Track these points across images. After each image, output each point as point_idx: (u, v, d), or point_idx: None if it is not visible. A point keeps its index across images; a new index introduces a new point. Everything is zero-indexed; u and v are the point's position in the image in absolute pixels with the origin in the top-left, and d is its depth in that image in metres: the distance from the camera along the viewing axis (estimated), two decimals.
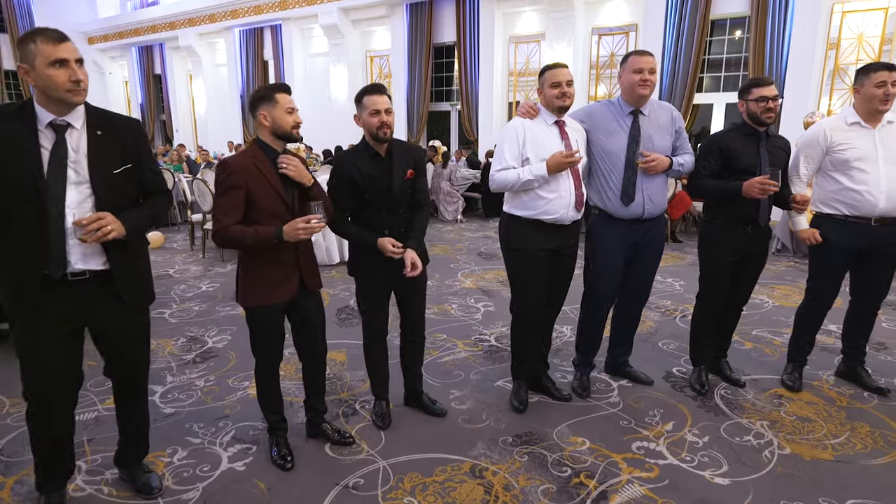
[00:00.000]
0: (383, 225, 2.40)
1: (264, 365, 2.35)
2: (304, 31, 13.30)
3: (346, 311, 4.31)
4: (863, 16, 7.75)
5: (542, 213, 2.55)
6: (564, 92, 2.51)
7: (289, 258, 2.20)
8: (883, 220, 2.67)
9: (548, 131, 2.58)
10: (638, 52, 2.64)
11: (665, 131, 2.71)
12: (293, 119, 2.14)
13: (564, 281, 2.78)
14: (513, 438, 2.53)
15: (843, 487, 2.18)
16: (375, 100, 2.31)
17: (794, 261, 5.94)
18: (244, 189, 2.09)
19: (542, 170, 2.47)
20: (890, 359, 3.40)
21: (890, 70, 2.57)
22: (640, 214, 2.67)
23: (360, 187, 2.37)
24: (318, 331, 2.42)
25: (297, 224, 2.05)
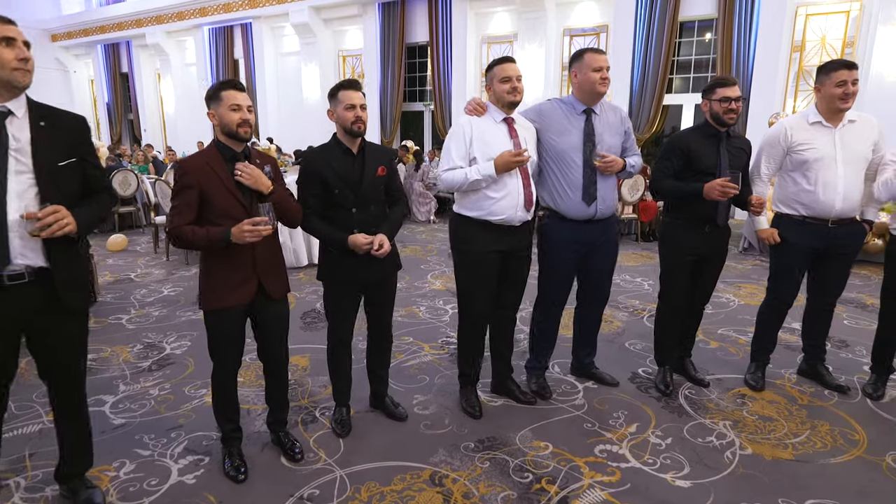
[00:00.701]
0: (352, 223, 2.34)
1: (219, 370, 2.27)
2: (275, 29, 13.10)
3: (312, 315, 4.22)
4: (826, 19, 7.92)
5: (490, 214, 2.50)
6: (515, 87, 2.47)
7: (245, 261, 2.13)
8: (839, 221, 2.70)
9: (496, 129, 2.52)
10: (595, 50, 2.61)
11: (615, 131, 2.69)
12: (238, 116, 2.05)
13: (519, 283, 2.73)
14: (475, 444, 2.48)
15: (803, 488, 2.18)
16: (351, 95, 2.27)
17: (761, 259, 6.03)
18: (197, 189, 2.04)
19: (489, 169, 2.42)
20: (851, 356, 3.44)
21: (850, 68, 2.58)
22: (592, 215, 2.65)
23: (330, 184, 2.31)
24: (277, 339, 2.34)
25: (243, 226, 1.99)
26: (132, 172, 7.77)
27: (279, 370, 2.42)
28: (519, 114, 2.67)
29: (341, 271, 2.40)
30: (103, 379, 3.15)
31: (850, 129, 2.67)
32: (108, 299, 4.69)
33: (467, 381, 2.81)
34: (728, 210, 2.80)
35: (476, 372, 2.81)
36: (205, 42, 13.95)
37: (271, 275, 2.22)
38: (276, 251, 2.26)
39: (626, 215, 6.95)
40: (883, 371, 2.94)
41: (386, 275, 2.50)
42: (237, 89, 2.08)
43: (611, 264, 2.87)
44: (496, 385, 2.95)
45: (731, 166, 2.67)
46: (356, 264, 2.37)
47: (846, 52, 7.79)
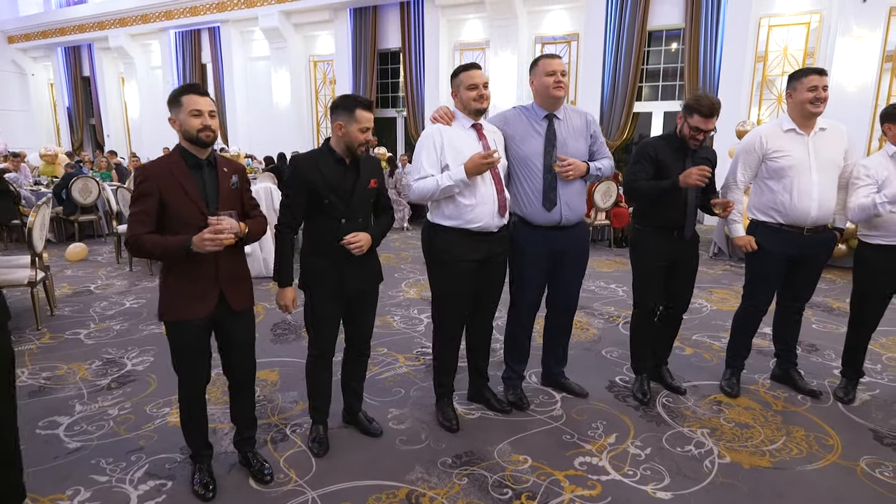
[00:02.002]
0: (340, 233, 2.26)
1: (185, 386, 2.16)
2: (244, 33, 12.87)
3: (283, 327, 4.09)
4: (787, 30, 8.17)
5: (468, 222, 2.46)
6: (482, 94, 2.45)
7: (207, 272, 2.03)
8: (814, 228, 2.73)
9: (465, 135, 2.50)
10: (548, 56, 2.61)
11: (580, 135, 2.68)
12: (199, 122, 1.96)
13: (495, 290, 2.69)
14: (452, 459, 2.41)
15: (781, 495, 2.17)
16: (370, 117, 2.22)
17: (730, 264, 6.12)
18: (157, 197, 1.95)
19: (460, 174, 2.37)
20: (821, 360, 3.50)
21: (820, 74, 2.62)
22: (557, 221, 2.63)
23: (320, 193, 2.23)
24: (244, 353, 2.23)
25: (204, 234, 1.90)
26: (93, 179, 7.48)
27: (246, 386, 2.31)
28: (485, 120, 2.66)
29: (328, 280, 2.32)
30: (58, 399, 2.97)
31: (822, 137, 2.71)
32: (66, 313, 4.47)
33: (444, 393, 2.75)
34: (694, 221, 2.81)
35: (451, 382, 2.76)
36: (171, 46, 13.61)
37: (234, 286, 2.12)
38: (240, 261, 2.16)
39: (599, 221, 7.00)
40: (853, 375, 2.98)
41: (370, 286, 2.45)
42: (198, 94, 1.99)
43: (580, 272, 2.84)
44: (472, 394, 2.90)
45: None
46: (343, 274, 2.30)
47: (807, 62, 8.04)
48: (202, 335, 2.10)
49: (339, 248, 2.26)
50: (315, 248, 2.32)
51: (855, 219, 2.73)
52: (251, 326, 2.25)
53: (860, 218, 2.70)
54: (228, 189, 2.08)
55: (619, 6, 8.82)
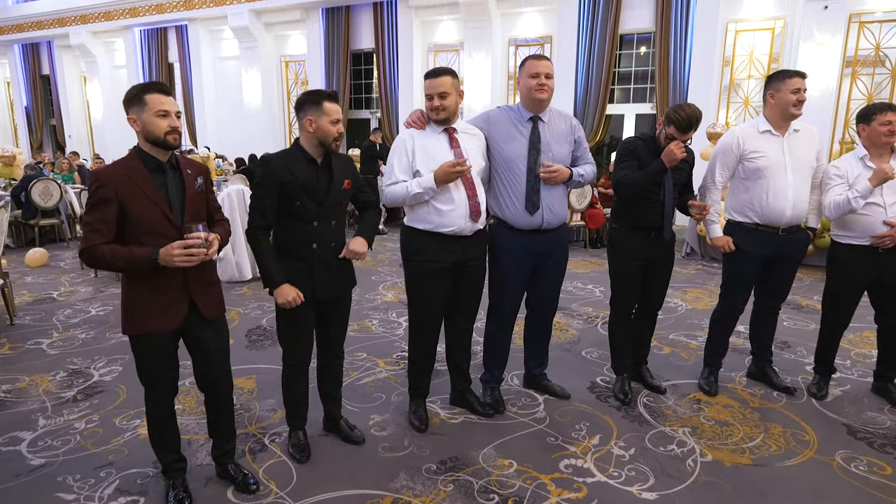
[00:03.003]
0: (313, 237, 2.20)
1: (152, 400, 2.06)
2: (213, 32, 12.58)
3: (258, 332, 3.98)
4: (753, 35, 8.39)
5: (439, 226, 2.44)
6: (435, 106, 2.40)
7: (174, 281, 1.92)
8: (789, 228, 2.79)
9: (437, 140, 2.47)
10: (535, 56, 2.59)
11: (564, 140, 2.66)
12: (167, 123, 1.85)
13: (474, 293, 2.66)
14: (437, 465, 2.37)
15: (763, 493, 2.20)
16: (338, 108, 2.18)
17: (703, 264, 6.24)
18: (115, 203, 1.82)
19: (429, 181, 2.36)
20: (794, 357, 3.57)
21: (802, 77, 2.69)
22: (539, 225, 2.61)
23: (291, 195, 2.16)
24: (218, 362, 2.13)
25: (173, 249, 1.80)
26: (54, 182, 7.19)
27: (223, 398, 2.21)
28: (467, 121, 2.64)
29: (299, 286, 2.22)
30: (19, 413, 2.82)
31: (797, 138, 2.76)
32: (27, 321, 4.27)
33: (417, 394, 2.73)
34: (672, 222, 2.84)
35: (426, 384, 2.74)
36: (136, 44, 13.21)
37: (205, 293, 2.02)
38: (209, 266, 2.05)
39: (575, 222, 7.06)
40: (825, 372, 3.06)
41: (344, 292, 2.39)
42: (164, 93, 1.88)
43: (560, 274, 2.84)
44: (454, 397, 2.88)
45: (675, 180, 2.73)
46: (316, 279, 2.23)
47: (772, 66, 8.27)
48: (170, 347, 2.00)
49: (309, 251, 2.21)
50: (286, 253, 2.22)
51: (831, 217, 2.78)
52: (225, 335, 2.15)
53: (836, 215, 2.75)
54: (195, 192, 1.98)
55: (591, 10, 8.92)
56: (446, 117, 2.43)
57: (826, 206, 2.79)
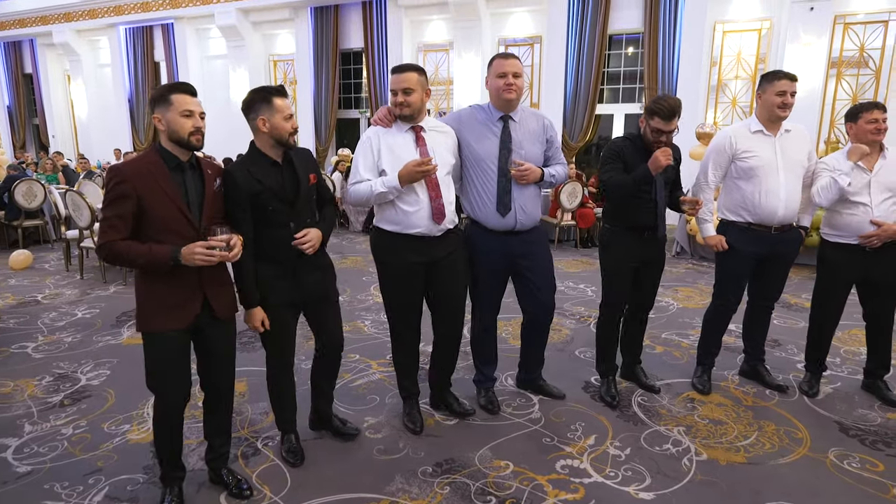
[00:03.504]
0: (291, 239, 2.16)
1: (162, 402, 2.02)
2: (199, 31, 12.45)
3: (248, 334, 3.93)
4: (740, 36, 8.47)
5: (405, 227, 2.41)
6: (399, 102, 2.36)
7: (190, 278, 1.92)
8: (781, 227, 2.80)
9: (402, 139, 2.43)
10: (502, 55, 2.54)
11: (536, 139, 2.63)
12: (191, 124, 1.86)
13: (453, 294, 2.58)
14: (433, 468, 2.35)
15: (758, 492, 2.21)
16: (289, 104, 2.13)
17: (693, 262, 6.29)
18: (134, 199, 1.82)
19: (393, 181, 2.32)
20: (784, 355, 3.60)
21: (791, 80, 2.70)
22: (512, 226, 2.58)
23: (262, 201, 2.11)
24: (224, 364, 2.12)
25: (196, 248, 1.81)
26: (38, 182, 7.06)
27: (225, 399, 2.19)
28: (440, 119, 2.62)
29: (280, 288, 2.21)
30: (4, 419, 2.76)
31: (788, 138, 2.78)
32: (11, 325, 4.18)
33: (408, 395, 2.72)
34: (664, 218, 2.83)
35: (414, 383, 2.72)
36: (121, 42, 13.02)
37: (218, 292, 2.01)
38: (222, 266, 2.01)
39: (566, 222, 7.07)
40: (816, 370, 3.08)
41: (324, 291, 2.35)
42: (190, 94, 1.91)
43: (545, 276, 2.73)
44: (434, 400, 2.85)
45: (664, 176, 2.71)
46: (297, 280, 2.22)
47: (759, 67, 8.36)
48: (184, 346, 1.99)
49: (290, 254, 2.17)
50: (265, 257, 2.18)
51: (822, 202, 2.77)
52: (233, 335, 2.14)
53: (826, 198, 2.74)
54: (213, 193, 1.98)
55: (581, 10, 8.95)
56: (410, 114, 2.39)
57: (815, 193, 2.79)
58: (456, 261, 2.56)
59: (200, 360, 2.10)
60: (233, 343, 2.14)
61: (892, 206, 2.73)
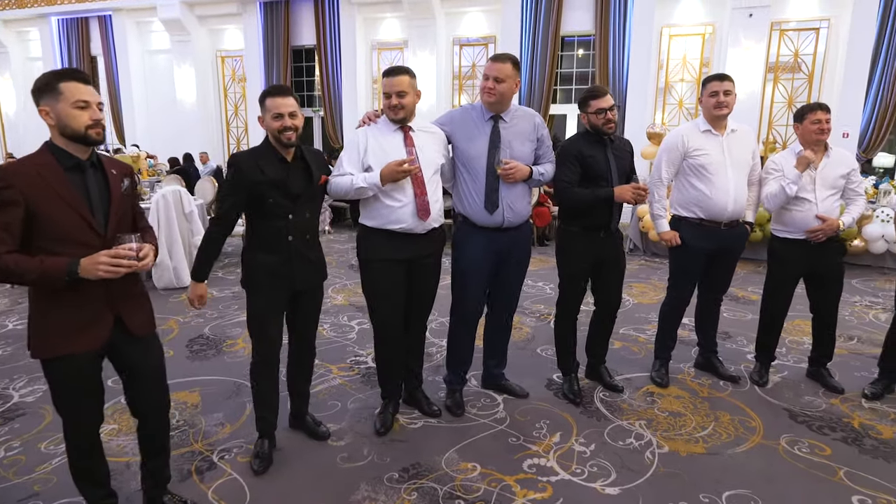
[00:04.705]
0: (288, 230, 2.21)
1: (73, 430, 1.81)
2: (140, 24, 11.87)
3: (200, 342, 3.75)
4: (686, 39, 8.78)
5: (389, 223, 2.43)
6: (393, 105, 2.40)
7: (96, 293, 1.68)
8: (730, 223, 2.91)
9: (391, 138, 2.47)
10: (492, 58, 2.60)
11: (525, 138, 2.66)
12: (88, 116, 1.63)
13: (426, 292, 2.65)
14: (399, 474, 2.30)
15: (718, 481, 2.27)
16: (278, 102, 2.14)
17: (645, 259, 6.46)
18: (22, 206, 1.57)
19: (375, 178, 2.35)
20: (735, 346, 3.74)
21: (721, 80, 2.83)
22: (500, 223, 2.62)
23: (262, 194, 2.15)
24: (152, 385, 1.92)
25: (100, 258, 1.58)
26: None
27: (157, 423, 1.99)
28: (433, 122, 2.67)
29: (276, 278, 2.22)
30: None
31: (734, 137, 2.90)
32: None
33: (391, 396, 2.69)
34: (620, 215, 2.88)
35: (397, 384, 2.71)
36: (53, 35, 12.26)
37: (132, 306, 1.80)
38: (134, 276, 1.78)
39: None
40: (765, 359, 3.21)
41: (315, 284, 2.39)
42: (83, 81, 1.64)
43: (521, 272, 2.83)
44: (406, 397, 2.85)
45: (619, 168, 2.76)
46: (293, 270, 2.23)
47: (703, 70, 8.69)
48: (94, 369, 1.77)
49: (287, 244, 2.21)
50: (261, 246, 2.23)
51: (770, 207, 2.92)
52: (157, 353, 1.93)
53: (774, 204, 2.89)
54: (120, 195, 1.75)
55: (534, 11, 9.06)
56: (405, 116, 2.43)
57: (764, 198, 2.93)
58: (437, 260, 2.62)
59: (125, 383, 1.90)
60: (159, 361, 1.93)
61: (835, 202, 2.88)
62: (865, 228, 5.73)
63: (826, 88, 8.26)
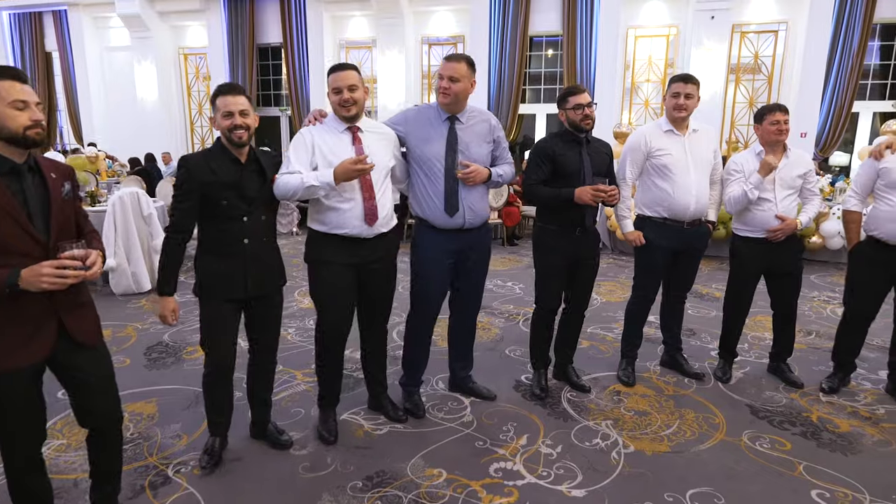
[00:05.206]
0: (243, 233, 2.15)
1: (13, 452, 1.70)
2: (97, 20, 11.45)
3: (159, 350, 3.62)
4: (651, 41, 8.92)
5: (337, 227, 2.35)
6: (345, 99, 2.30)
7: (38, 304, 1.60)
8: (693, 222, 2.95)
9: (339, 138, 2.38)
10: (446, 57, 2.56)
11: (482, 140, 2.63)
12: (27, 116, 1.54)
13: (381, 298, 2.57)
14: (362, 482, 2.24)
15: (682, 479, 2.28)
16: (228, 101, 2.10)
17: (613, 257, 6.53)
18: None
19: (327, 177, 2.23)
20: (699, 343, 3.79)
21: (685, 82, 2.86)
22: (461, 225, 2.58)
23: (214, 196, 2.10)
24: (101, 398, 1.81)
25: (43, 269, 1.50)
26: None
27: (108, 436, 1.89)
28: (385, 121, 2.61)
29: (231, 283, 2.15)
30: None
31: (695, 137, 2.94)
32: None
33: (327, 403, 2.61)
34: (596, 213, 2.90)
35: (336, 393, 2.62)
36: (4, 30, 11.74)
37: (77, 315, 1.70)
38: (79, 284, 1.67)
39: (493, 220, 7.14)
40: (728, 356, 3.26)
41: (272, 289, 2.31)
42: (17, 79, 1.56)
43: (483, 273, 2.81)
44: (371, 402, 2.81)
45: (593, 168, 2.75)
46: (248, 274, 2.16)
47: (668, 71, 8.84)
48: (33, 384, 1.67)
49: (243, 247, 2.15)
50: (215, 250, 2.16)
51: (731, 209, 2.98)
52: (106, 362, 1.83)
53: (736, 208, 2.96)
54: (61, 200, 1.66)
55: (502, 11, 9.07)
56: (357, 112, 2.35)
57: (726, 201, 2.98)
58: (389, 265, 2.55)
59: (70, 395, 1.80)
60: (107, 370, 1.83)
61: (793, 202, 2.95)
62: (823, 225, 5.91)
63: (785, 89, 8.50)
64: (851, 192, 2.96)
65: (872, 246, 2.84)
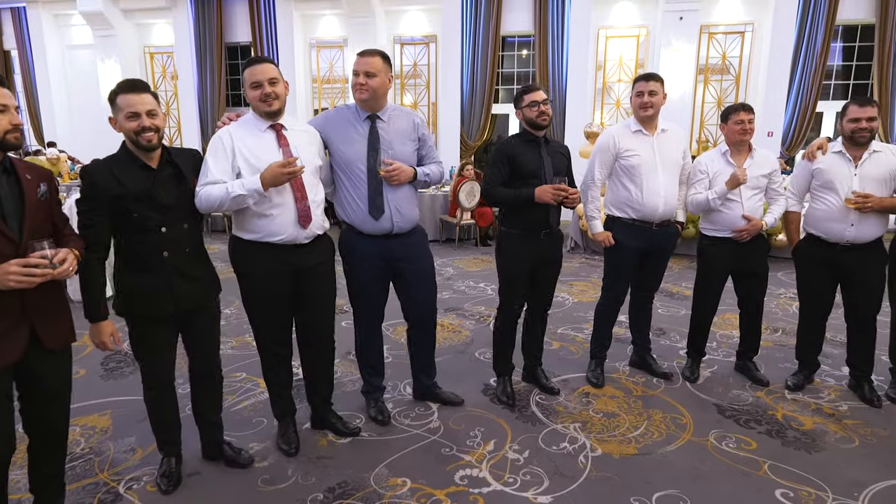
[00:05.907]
0: (162, 245, 1.97)
1: None
2: (58, 17, 11.09)
3: (116, 359, 3.48)
4: (621, 41, 9.00)
5: (269, 235, 2.18)
6: (268, 93, 2.13)
7: (9, 305, 1.60)
8: (661, 223, 2.94)
9: (261, 139, 2.20)
10: (360, 53, 2.43)
11: (406, 138, 2.54)
12: (7, 120, 1.58)
13: (321, 305, 2.40)
14: (324, 494, 2.17)
15: (648, 482, 2.27)
16: (132, 100, 1.89)
17: (585, 257, 6.55)
18: None
19: (255, 183, 2.06)
20: (669, 342, 3.81)
21: (647, 80, 2.87)
22: (388, 229, 2.48)
23: (124, 207, 1.88)
24: (58, 405, 1.80)
25: (10, 267, 1.50)
26: None
27: (59, 447, 1.86)
28: (307, 122, 2.48)
29: (155, 299, 1.98)
30: None
31: (665, 137, 2.93)
32: None
33: (281, 414, 2.51)
34: (559, 214, 2.87)
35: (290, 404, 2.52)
36: None
37: (49, 319, 1.70)
38: (55, 287, 1.71)
39: (465, 221, 7.10)
40: (696, 355, 3.27)
41: (202, 303, 2.12)
42: None
43: (426, 281, 2.66)
44: (315, 420, 2.64)
45: (553, 168, 2.73)
46: (174, 288, 1.98)
47: (639, 71, 8.92)
48: (5, 389, 1.64)
49: (163, 260, 1.96)
50: (133, 266, 1.97)
51: (693, 212, 3.02)
52: (67, 369, 1.83)
53: (697, 211, 3.00)
54: (37, 201, 1.66)
55: (474, 10, 9.05)
56: (279, 108, 2.19)
57: (689, 203, 3.01)
58: (327, 270, 2.39)
59: (25, 402, 1.76)
60: (67, 379, 1.82)
61: (758, 201, 2.97)
62: None
63: (752, 89, 8.66)
64: (789, 194, 3.01)
65: (812, 243, 2.92)
